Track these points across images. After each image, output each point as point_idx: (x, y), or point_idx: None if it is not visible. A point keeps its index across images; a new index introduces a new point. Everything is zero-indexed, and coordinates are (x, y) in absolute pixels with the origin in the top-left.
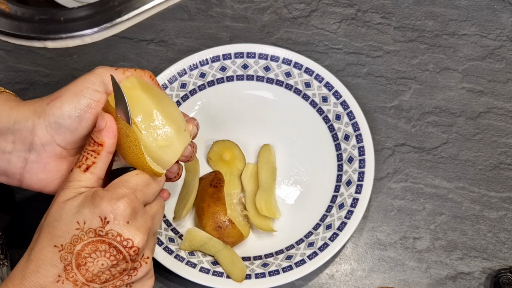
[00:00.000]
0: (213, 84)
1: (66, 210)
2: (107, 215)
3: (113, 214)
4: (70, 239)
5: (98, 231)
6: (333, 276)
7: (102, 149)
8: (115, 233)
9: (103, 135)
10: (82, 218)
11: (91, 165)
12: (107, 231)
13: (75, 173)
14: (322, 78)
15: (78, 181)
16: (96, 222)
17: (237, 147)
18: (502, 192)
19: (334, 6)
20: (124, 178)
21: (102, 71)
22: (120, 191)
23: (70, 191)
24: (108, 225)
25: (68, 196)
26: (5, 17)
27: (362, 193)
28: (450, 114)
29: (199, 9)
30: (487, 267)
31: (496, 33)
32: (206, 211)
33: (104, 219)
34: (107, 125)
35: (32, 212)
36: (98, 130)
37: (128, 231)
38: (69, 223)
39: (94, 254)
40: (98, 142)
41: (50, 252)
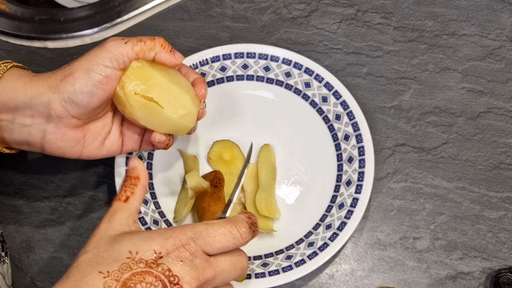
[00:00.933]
0: (213, 84)
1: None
2: (162, 250)
3: (167, 251)
4: (118, 267)
5: (150, 263)
6: (333, 276)
7: (139, 182)
8: (165, 267)
9: (138, 170)
10: (136, 248)
11: (130, 196)
12: (158, 264)
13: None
14: (322, 78)
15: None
16: (149, 254)
17: (237, 147)
18: (502, 192)
19: (334, 6)
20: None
21: (112, 45)
22: (178, 232)
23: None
24: (161, 259)
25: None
26: (5, 17)
27: (362, 193)
28: (450, 114)
29: (199, 9)
30: (487, 267)
31: (496, 33)
32: (206, 211)
33: (158, 254)
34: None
35: (32, 212)
36: (132, 168)
37: (178, 268)
38: (120, 252)
39: (139, 284)
40: (133, 176)
41: (93, 278)
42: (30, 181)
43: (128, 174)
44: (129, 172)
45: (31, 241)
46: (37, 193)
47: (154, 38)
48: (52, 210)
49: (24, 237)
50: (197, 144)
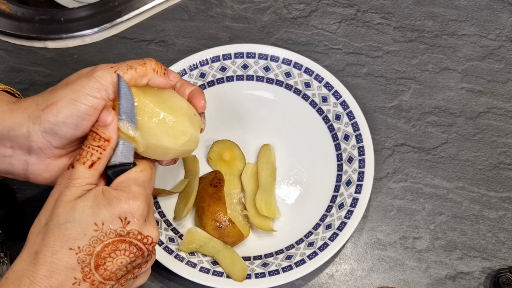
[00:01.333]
0: (213, 84)
1: (78, 211)
2: (127, 215)
3: (132, 213)
4: (88, 241)
5: (119, 231)
6: (333, 276)
7: (109, 145)
8: (136, 232)
9: (110, 130)
10: (100, 219)
11: (96, 161)
12: (128, 231)
13: (79, 170)
14: (322, 78)
15: (83, 178)
16: (116, 223)
17: (237, 147)
18: (501, 192)
19: (334, 6)
20: (132, 176)
21: (101, 74)
22: (134, 190)
23: (77, 189)
24: (128, 225)
25: (75, 194)
26: (6, 17)
27: (362, 193)
28: (449, 114)
29: (199, 9)
30: (486, 267)
31: (496, 33)
32: (206, 211)
33: (124, 220)
34: (114, 120)
35: (33, 212)
36: (104, 125)
37: (146, 228)
38: (85, 225)
39: (114, 253)
40: (104, 138)
41: (64, 255)
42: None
43: (97, 131)
44: (99, 130)
45: None
46: (37, 193)
47: (145, 62)
48: None
49: (24, 237)
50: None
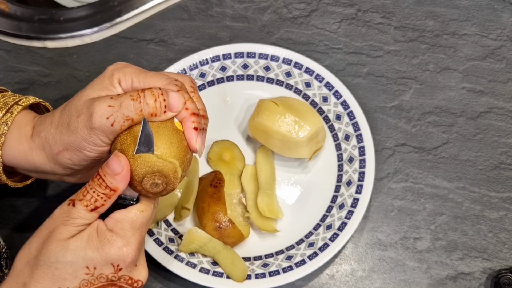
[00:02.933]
0: (213, 84)
1: (70, 252)
2: (119, 262)
3: (125, 261)
4: (78, 283)
5: (111, 277)
6: (333, 277)
7: (115, 194)
8: (127, 277)
9: (118, 181)
10: (92, 264)
11: (100, 207)
12: (119, 276)
13: (79, 210)
14: (322, 78)
15: (82, 219)
16: (108, 268)
17: (237, 147)
18: (502, 192)
19: (334, 6)
20: (130, 217)
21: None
22: (130, 236)
23: (73, 228)
24: (120, 271)
25: (70, 233)
26: (5, 17)
27: (363, 193)
28: (450, 114)
29: (199, 9)
30: (487, 267)
31: (497, 33)
32: (206, 211)
33: (117, 266)
34: (124, 171)
35: (33, 212)
36: (113, 174)
37: (137, 273)
38: (76, 267)
39: None
40: (111, 187)
41: None
42: (33, 189)
43: (104, 179)
44: (107, 178)
45: None
46: (37, 193)
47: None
48: (52, 210)
49: (24, 237)
50: None
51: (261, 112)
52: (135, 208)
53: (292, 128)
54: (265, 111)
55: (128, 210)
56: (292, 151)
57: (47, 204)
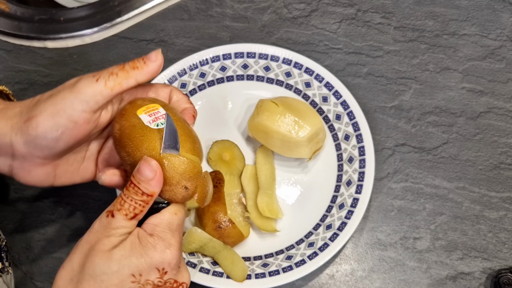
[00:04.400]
0: (213, 84)
1: (115, 261)
2: (164, 265)
3: (169, 264)
4: None
5: (157, 282)
6: (333, 276)
7: (152, 199)
8: (172, 281)
9: (153, 186)
10: (138, 271)
11: (139, 214)
12: (165, 281)
13: (119, 220)
14: (322, 78)
15: (123, 228)
16: (154, 273)
17: (237, 147)
18: (502, 192)
19: (334, 6)
20: (166, 220)
21: (82, 85)
22: (170, 238)
23: (115, 239)
24: (166, 275)
25: (113, 244)
26: (5, 17)
27: (362, 193)
28: (450, 114)
29: (199, 9)
30: (487, 267)
31: (497, 33)
32: (206, 211)
33: (162, 270)
34: (157, 175)
35: (33, 212)
36: (147, 180)
37: (181, 275)
38: (122, 276)
39: None
40: (147, 193)
41: None
42: None
43: (139, 186)
44: (142, 185)
45: (31, 241)
46: (37, 193)
47: (123, 65)
48: (52, 210)
49: (24, 237)
50: None
51: (261, 112)
52: (168, 211)
53: (292, 128)
54: (265, 111)
55: (162, 213)
56: (292, 151)
57: (47, 204)
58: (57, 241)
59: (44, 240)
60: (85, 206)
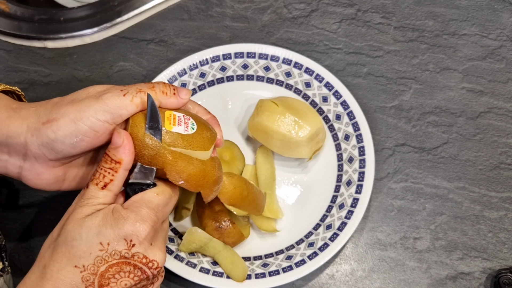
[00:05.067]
0: (213, 84)
1: (85, 229)
2: (132, 237)
3: (138, 236)
4: (93, 260)
5: (124, 253)
6: (333, 276)
7: (120, 167)
8: (141, 256)
9: (120, 153)
10: (106, 239)
11: (109, 183)
12: (133, 254)
13: (91, 190)
14: (322, 78)
15: (95, 198)
16: (122, 244)
17: (237, 147)
18: (502, 192)
19: (334, 6)
20: (146, 198)
21: (109, 97)
22: (144, 213)
23: (88, 208)
24: (133, 247)
25: (86, 213)
26: (5, 17)
27: (362, 193)
28: (450, 114)
29: (199, 9)
30: (487, 267)
31: (497, 33)
32: (206, 211)
33: (130, 242)
34: (124, 142)
35: (33, 212)
36: (115, 147)
37: (152, 253)
38: (91, 244)
39: (118, 275)
40: (115, 160)
41: (70, 272)
42: None
43: (109, 153)
44: (111, 152)
45: (31, 241)
46: (37, 193)
47: (154, 86)
48: (52, 210)
49: (24, 237)
50: None
51: (261, 112)
52: (151, 191)
53: (292, 128)
54: (265, 111)
55: (144, 192)
56: (292, 151)
57: (47, 204)
58: None
59: (44, 240)
60: None
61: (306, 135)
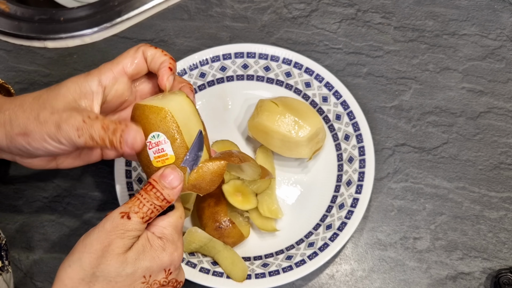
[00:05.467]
0: (213, 84)
1: (130, 265)
2: (170, 267)
3: (175, 265)
4: None
5: (162, 281)
6: (333, 276)
7: (169, 204)
8: (174, 280)
9: (175, 194)
10: (149, 272)
11: (153, 217)
12: (169, 280)
13: (135, 222)
14: (322, 78)
15: (137, 231)
16: (161, 274)
17: (237, 147)
18: (502, 192)
19: (334, 6)
20: (174, 223)
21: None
22: (177, 240)
23: (128, 241)
24: (170, 275)
25: (126, 246)
26: (5, 17)
27: (362, 193)
28: (450, 114)
29: (199, 9)
30: (487, 267)
31: (496, 33)
32: (206, 211)
33: (168, 271)
34: (181, 185)
35: (33, 212)
36: (171, 188)
37: (181, 274)
38: (135, 278)
39: None
40: (168, 200)
41: None
42: (30, 181)
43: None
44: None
45: (31, 241)
46: (37, 193)
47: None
48: (52, 210)
49: (24, 237)
50: None
51: (261, 112)
52: (174, 214)
53: (292, 128)
54: (264, 111)
55: (169, 216)
56: (292, 151)
57: (47, 204)
58: (57, 241)
59: (44, 240)
60: (85, 206)
61: (306, 135)
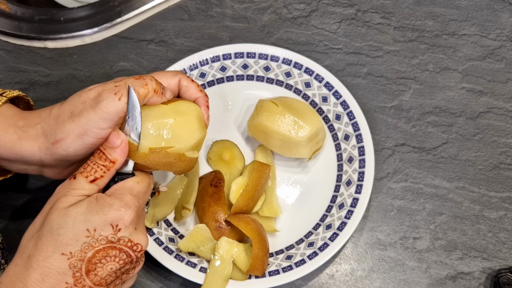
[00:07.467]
0: (213, 84)
1: (71, 217)
2: (118, 222)
3: (124, 221)
4: (80, 247)
5: (110, 238)
6: (333, 276)
7: (113, 166)
8: (126, 239)
9: (117, 153)
10: (92, 226)
11: (99, 178)
12: (119, 238)
13: (80, 181)
14: (322, 78)
15: (81, 190)
16: (108, 229)
17: (236, 147)
18: (502, 192)
19: (334, 6)
20: (128, 186)
21: (106, 104)
22: (127, 199)
23: (73, 198)
24: (119, 232)
25: (70, 202)
26: (5, 17)
27: (362, 193)
28: (450, 114)
29: (199, 9)
30: (487, 267)
31: (496, 33)
32: (206, 210)
33: (116, 227)
34: (122, 144)
35: (32, 212)
36: (112, 147)
37: (136, 236)
38: (77, 231)
39: (104, 259)
40: (110, 159)
41: (57, 260)
42: (30, 181)
43: (105, 152)
44: (107, 151)
45: None
46: (37, 193)
47: (146, 83)
48: None
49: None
50: None
51: (261, 112)
52: (131, 179)
53: (292, 128)
54: (264, 111)
55: (125, 181)
56: (292, 151)
57: None
58: None
59: None
60: None
61: (306, 135)
